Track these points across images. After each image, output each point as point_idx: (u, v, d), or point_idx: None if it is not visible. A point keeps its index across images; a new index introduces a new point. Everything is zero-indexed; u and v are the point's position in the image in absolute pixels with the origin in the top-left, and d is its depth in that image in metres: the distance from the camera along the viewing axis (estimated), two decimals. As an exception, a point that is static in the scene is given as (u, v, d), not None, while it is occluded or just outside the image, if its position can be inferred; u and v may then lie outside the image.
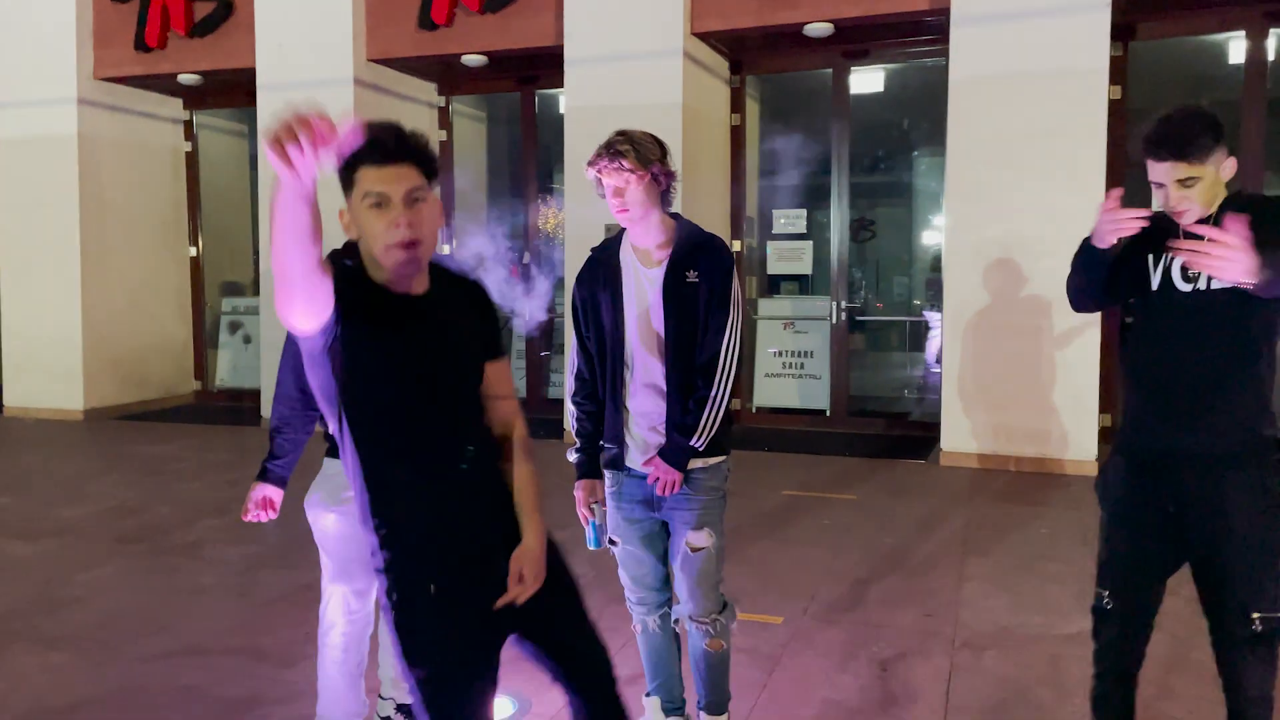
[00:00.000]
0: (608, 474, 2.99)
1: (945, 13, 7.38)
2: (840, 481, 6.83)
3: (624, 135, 2.77)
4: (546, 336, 9.92)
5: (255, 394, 10.06)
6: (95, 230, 9.98)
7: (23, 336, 10.07)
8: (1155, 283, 2.56)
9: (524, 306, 9.34)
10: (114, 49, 9.86)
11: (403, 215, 1.90)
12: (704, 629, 2.94)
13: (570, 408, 3.04)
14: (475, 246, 9.53)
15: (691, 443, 2.82)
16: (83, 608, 4.44)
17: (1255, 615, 2.46)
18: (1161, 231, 2.59)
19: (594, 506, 2.96)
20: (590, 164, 2.79)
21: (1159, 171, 2.50)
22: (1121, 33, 7.37)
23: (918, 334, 13.67)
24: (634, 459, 2.91)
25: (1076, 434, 7.06)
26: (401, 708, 3.23)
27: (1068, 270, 2.75)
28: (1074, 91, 6.94)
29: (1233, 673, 2.54)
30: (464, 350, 2.09)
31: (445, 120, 10.16)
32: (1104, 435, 7.20)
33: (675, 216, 2.91)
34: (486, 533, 2.08)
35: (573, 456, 3.02)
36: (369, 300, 1.94)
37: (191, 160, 11.06)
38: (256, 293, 11.05)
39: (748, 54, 8.97)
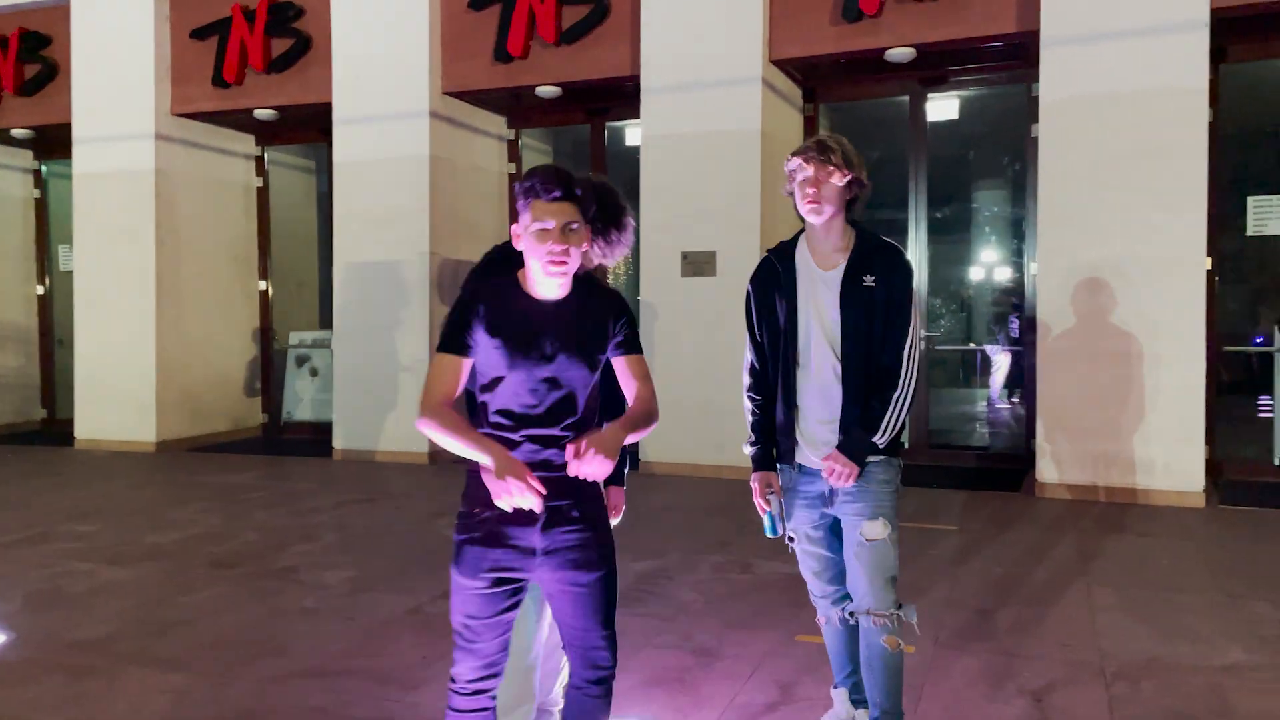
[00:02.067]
0: (782, 468, 3.03)
1: (1033, 34, 7.28)
2: (936, 513, 6.63)
3: (833, 137, 2.91)
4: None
5: (324, 426, 10.05)
6: (170, 264, 10.06)
7: (96, 369, 10.13)
8: None
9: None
10: (191, 85, 10.00)
11: (558, 239, 2.39)
12: (881, 624, 2.89)
13: (745, 402, 3.07)
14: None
15: (874, 439, 2.85)
16: (191, 630, 4.35)
17: None
18: None
19: (770, 497, 2.99)
20: (795, 153, 2.88)
21: None
22: (1212, 55, 7.21)
23: (977, 367, 13.44)
24: (805, 455, 2.96)
25: (1181, 464, 6.80)
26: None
27: (1168, 294, 2.69)
28: (1173, 112, 6.79)
29: None
30: (579, 346, 2.46)
31: (515, 153, 10.18)
32: (1211, 468, 6.95)
33: (855, 224, 2.98)
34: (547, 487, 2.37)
35: (748, 449, 3.06)
36: (510, 303, 2.46)
37: (262, 196, 11.15)
38: (323, 327, 11.08)
39: (822, 81, 8.91)
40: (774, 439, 3.01)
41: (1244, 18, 6.99)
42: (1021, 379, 9.17)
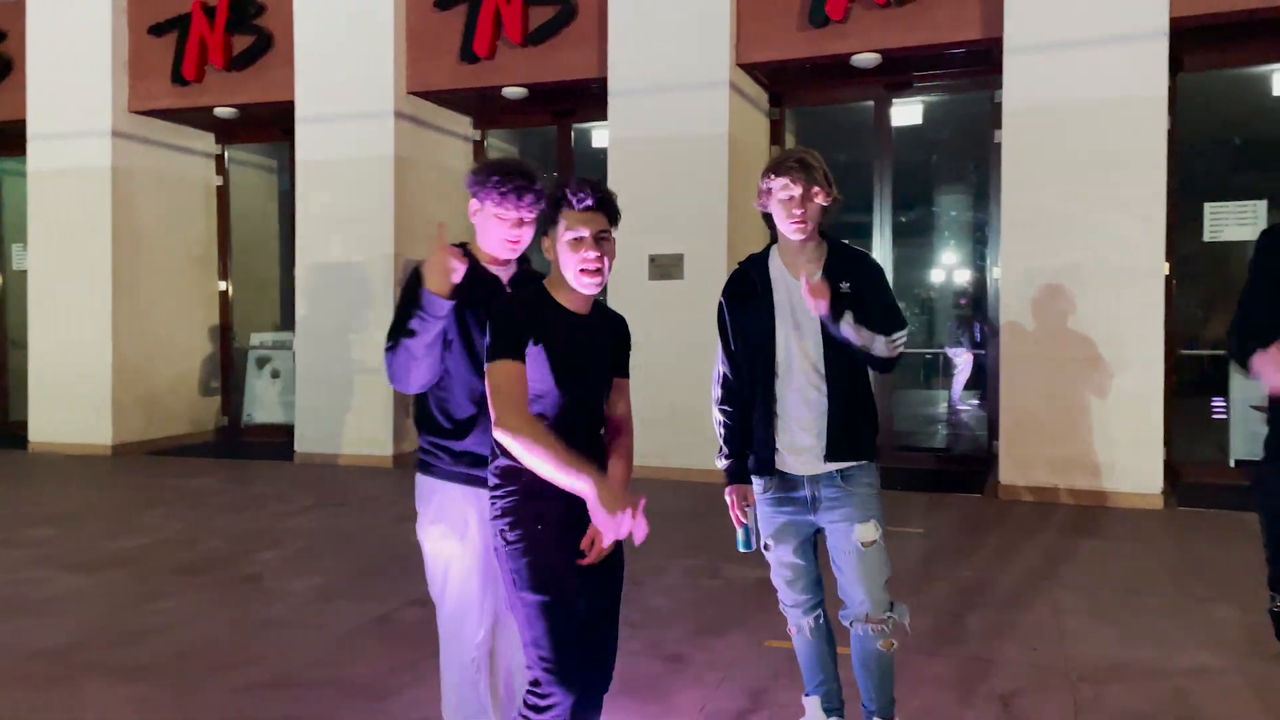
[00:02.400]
0: (759, 479, 3.03)
1: (996, 42, 7.37)
2: (900, 515, 6.67)
3: (808, 153, 2.90)
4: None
5: (285, 429, 9.93)
6: (127, 264, 9.89)
7: (51, 370, 9.93)
8: None
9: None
10: (150, 81, 9.83)
11: (592, 248, 2.41)
12: (879, 629, 2.94)
13: (716, 415, 3.07)
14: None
15: (848, 319, 2.83)
16: (156, 639, 4.27)
17: None
18: None
19: (747, 510, 3.02)
20: (776, 172, 2.88)
21: None
22: (1171, 65, 7.34)
23: (939, 369, 13.57)
24: (786, 461, 2.96)
25: (1140, 467, 6.93)
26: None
27: (1128, 299, 2.74)
28: (1133, 120, 6.91)
29: None
30: (602, 360, 2.56)
31: (480, 153, 10.13)
32: (1168, 470, 7.08)
33: (825, 235, 3.03)
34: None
35: (721, 463, 3.07)
36: (550, 317, 2.45)
37: (222, 195, 11.00)
38: (285, 328, 10.95)
39: (788, 86, 8.95)
40: (746, 451, 3.03)
41: (1201, 28, 7.12)
42: (984, 382, 9.28)
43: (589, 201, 2.40)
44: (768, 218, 2.99)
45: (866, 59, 7.98)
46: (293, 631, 4.41)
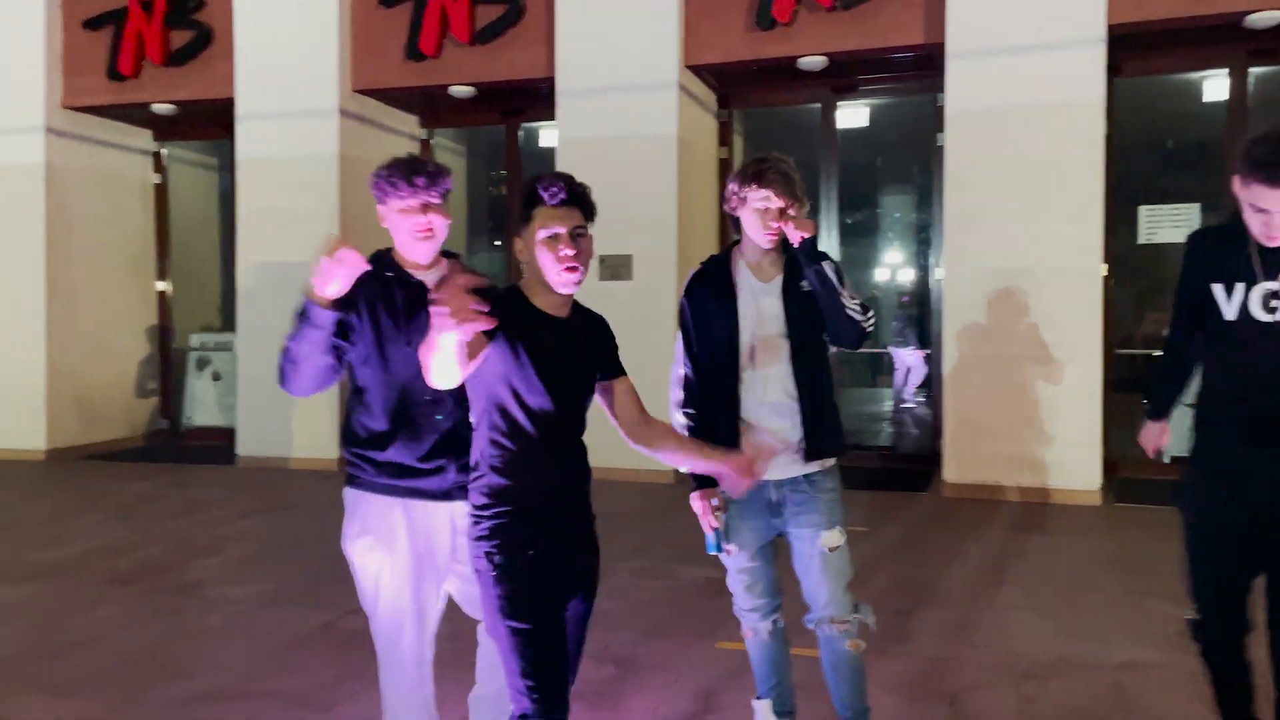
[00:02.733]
0: None
1: (939, 47, 7.46)
2: (846, 514, 6.72)
3: (789, 164, 2.87)
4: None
5: (226, 432, 9.74)
6: (61, 263, 9.63)
7: (-19, 373, 9.64)
8: (1232, 314, 2.66)
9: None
10: (85, 77, 9.58)
11: (569, 245, 2.29)
12: (844, 630, 2.96)
13: (678, 418, 3.02)
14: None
15: (829, 264, 2.84)
16: (89, 652, 4.16)
17: None
18: (1221, 261, 2.65)
19: (718, 514, 2.96)
20: (759, 183, 2.82)
21: (1271, 198, 2.50)
22: (1108, 70, 7.49)
23: (884, 368, 13.73)
24: None
25: (1079, 464, 7.06)
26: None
27: (1067, 299, 2.83)
28: (1071, 124, 7.03)
29: None
30: (587, 363, 2.44)
31: (427, 153, 10.02)
32: (1106, 466, 7.23)
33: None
34: (573, 511, 2.41)
35: (685, 466, 2.95)
36: (531, 322, 2.32)
37: (160, 193, 10.76)
38: (226, 329, 10.73)
39: (736, 88, 8.98)
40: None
41: (1137, 35, 7.27)
42: (928, 380, 9.40)
43: (562, 196, 2.29)
44: (735, 220, 2.96)
45: (813, 62, 8.03)
46: (233, 641, 4.32)
